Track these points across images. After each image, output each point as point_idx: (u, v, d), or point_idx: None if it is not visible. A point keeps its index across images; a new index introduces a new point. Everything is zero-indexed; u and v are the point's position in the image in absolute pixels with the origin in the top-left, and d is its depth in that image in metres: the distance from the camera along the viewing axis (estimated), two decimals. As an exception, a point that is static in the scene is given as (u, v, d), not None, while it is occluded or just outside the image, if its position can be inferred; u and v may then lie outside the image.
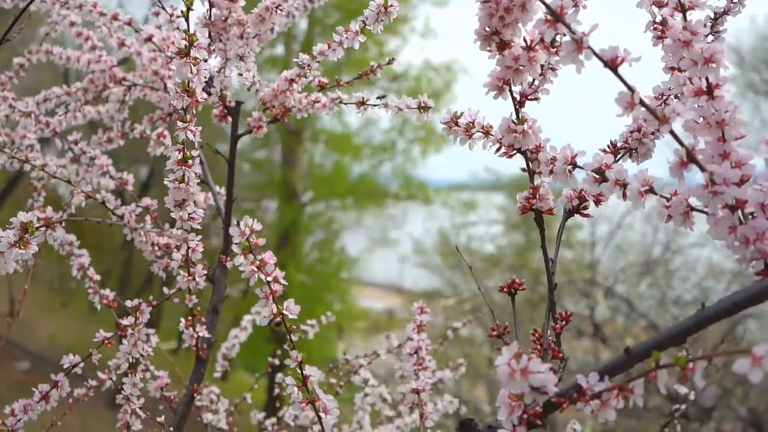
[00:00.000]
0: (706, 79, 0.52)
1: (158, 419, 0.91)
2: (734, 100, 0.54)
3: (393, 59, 0.98)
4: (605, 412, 0.50)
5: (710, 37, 0.71)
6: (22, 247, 0.66)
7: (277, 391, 1.32)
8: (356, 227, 12.04)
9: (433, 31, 10.22)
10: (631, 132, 0.67)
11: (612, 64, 0.49)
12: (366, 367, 1.30)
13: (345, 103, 0.96)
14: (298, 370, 0.63)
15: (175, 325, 0.98)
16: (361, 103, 0.94)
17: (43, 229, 0.65)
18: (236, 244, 0.59)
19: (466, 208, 10.71)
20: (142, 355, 0.95)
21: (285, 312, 0.61)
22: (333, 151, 11.85)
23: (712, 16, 0.72)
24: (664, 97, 0.68)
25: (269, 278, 0.60)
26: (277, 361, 1.42)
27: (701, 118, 0.53)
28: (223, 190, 1.09)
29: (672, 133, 0.50)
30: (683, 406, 1.12)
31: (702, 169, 0.50)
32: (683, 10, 0.54)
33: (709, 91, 0.52)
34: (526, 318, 7.30)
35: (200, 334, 0.94)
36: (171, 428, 0.91)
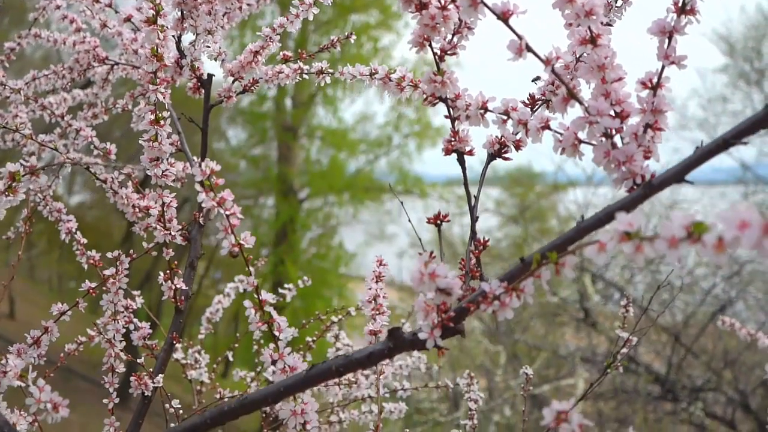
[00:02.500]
0: (589, 29, 0.61)
1: (139, 361, 1.00)
2: (726, 89, 0.62)
3: (351, 34, 1.07)
4: (504, 311, 0.59)
5: (620, 2, 0.80)
6: (11, 194, 0.75)
7: None
8: (353, 222, 12.13)
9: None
10: (548, 85, 0.76)
11: (504, 17, 0.58)
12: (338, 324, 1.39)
13: (306, 73, 1.04)
14: (255, 295, 0.73)
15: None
16: (320, 72, 1.03)
17: (28, 176, 0.74)
18: (198, 182, 0.68)
19: (463, 202, 10.79)
20: (125, 307, 1.05)
21: (242, 242, 0.70)
22: (329, 147, 11.94)
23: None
24: (577, 54, 0.77)
25: (228, 212, 0.69)
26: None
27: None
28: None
29: (554, 73, 0.59)
30: (624, 350, 1.21)
31: (581, 103, 0.59)
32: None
33: (592, 40, 0.61)
34: (520, 308, 7.40)
35: (178, 287, 1.03)
36: (152, 370, 1.00)
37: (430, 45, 0.68)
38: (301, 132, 11.65)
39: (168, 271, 1.02)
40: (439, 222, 0.76)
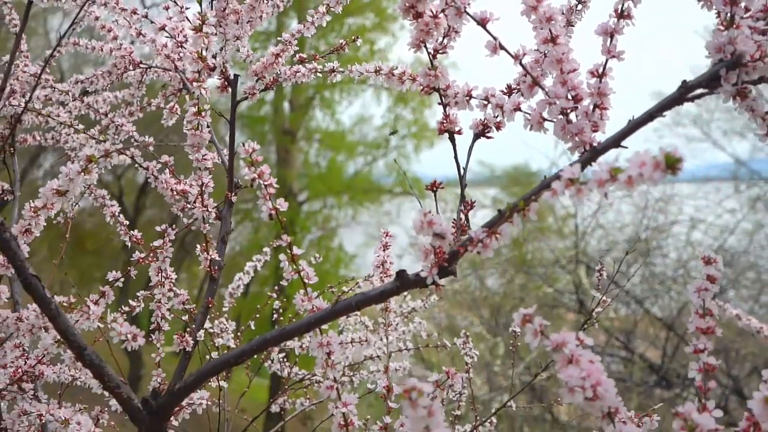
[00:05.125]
0: (550, 31, 0.78)
1: (182, 318, 1.17)
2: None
3: (357, 37, 1.24)
4: (486, 251, 0.75)
5: (579, 6, 0.97)
6: (87, 174, 0.91)
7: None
8: (353, 224, 12.29)
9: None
10: (520, 76, 0.93)
11: (482, 23, 0.76)
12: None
13: (320, 73, 1.21)
14: (289, 251, 0.90)
15: (176, 329, 1.23)
16: (332, 71, 1.20)
17: (103, 158, 0.91)
18: (242, 158, 0.85)
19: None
20: (165, 277, 1.21)
21: (278, 206, 0.87)
22: (327, 149, 12.12)
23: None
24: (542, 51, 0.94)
25: (266, 183, 0.86)
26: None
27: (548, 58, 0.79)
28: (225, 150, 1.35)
29: (522, 65, 0.76)
30: (598, 309, 1.38)
31: (542, 89, 0.76)
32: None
33: (552, 40, 0.78)
34: (518, 301, 7.59)
35: (213, 257, 1.20)
36: (193, 326, 1.17)
37: (425, 46, 0.85)
38: (299, 135, 11.83)
39: (204, 244, 1.19)
40: (435, 189, 0.93)
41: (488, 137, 0.92)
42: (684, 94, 0.70)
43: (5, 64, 1.52)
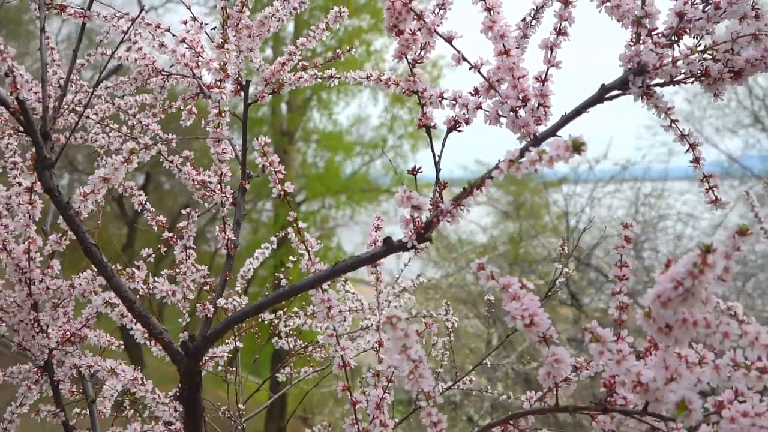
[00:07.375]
0: (503, 45, 0.98)
1: (205, 288, 1.37)
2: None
3: (352, 47, 1.44)
4: (454, 220, 0.95)
5: (534, 21, 1.17)
6: (128, 164, 1.11)
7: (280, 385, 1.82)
8: (350, 224, 12.47)
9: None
10: (483, 82, 1.13)
11: (448, 39, 0.96)
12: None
13: (320, 78, 1.42)
14: (295, 225, 1.10)
15: (176, 328, 1.35)
16: (330, 77, 1.40)
17: (143, 150, 1.11)
18: (256, 150, 1.05)
19: (459, 200, 11.14)
20: (188, 255, 1.41)
21: (286, 188, 1.07)
22: (325, 150, 12.31)
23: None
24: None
25: (276, 169, 1.06)
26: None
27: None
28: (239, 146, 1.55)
29: (480, 73, 0.96)
30: (562, 280, 1.58)
31: (496, 91, 0.96)
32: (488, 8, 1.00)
33: (506, 52, 0.98)
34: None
35: (229, 237, 1.40)
36: (214, 293, 1.37)
37: (406, 57, 1.05)
38: (297, 136, 12.02)
39: (222, 226, 1.39)
40: (415, 173, 1.13)
41: (459, 131, 1.12)
42: (603, 94, 0.90)
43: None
